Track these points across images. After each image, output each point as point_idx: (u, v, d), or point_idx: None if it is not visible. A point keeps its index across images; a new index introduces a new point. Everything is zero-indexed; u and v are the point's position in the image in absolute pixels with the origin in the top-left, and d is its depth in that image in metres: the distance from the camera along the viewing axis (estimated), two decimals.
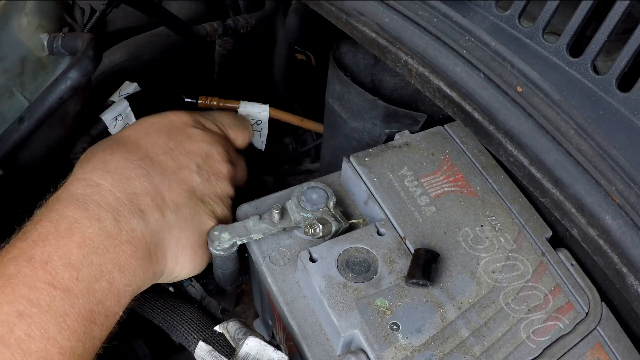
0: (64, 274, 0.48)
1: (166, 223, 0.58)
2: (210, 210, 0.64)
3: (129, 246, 0.53)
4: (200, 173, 0.64)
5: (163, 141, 0.63)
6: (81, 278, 0.49)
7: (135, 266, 0.54)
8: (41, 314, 0.46)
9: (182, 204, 0.60)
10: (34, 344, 0.45)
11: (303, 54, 1.36)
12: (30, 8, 0.70)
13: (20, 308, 0.45)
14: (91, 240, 0.51)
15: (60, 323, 0.46)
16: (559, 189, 0.57)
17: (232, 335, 0.64)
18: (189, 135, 0.66)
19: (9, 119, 0.68)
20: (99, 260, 0.50)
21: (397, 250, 0.69)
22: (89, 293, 0.49)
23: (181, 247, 0.61)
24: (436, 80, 0.65)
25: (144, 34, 1.07)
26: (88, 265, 0.49)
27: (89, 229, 0.51)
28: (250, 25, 1.07)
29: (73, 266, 0.49)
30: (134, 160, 0.58)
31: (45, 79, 0.71)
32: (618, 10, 0.54)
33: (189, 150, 0.64)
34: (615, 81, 0.55)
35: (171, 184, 0.60)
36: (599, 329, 0.66)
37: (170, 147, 0.63)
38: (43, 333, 0.45)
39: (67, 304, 0.47)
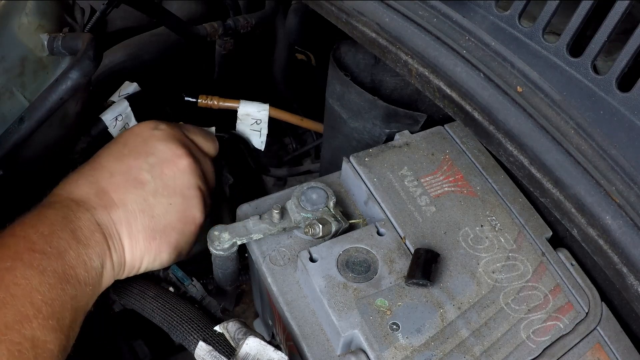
0: (39, 242, 0.60)
1: (114, 219, 0.67)
2: (166, 203, 0.71)
3: (87, 230, 0.64)
4: (152, 170, 0.71)
5: (118, 150, 0.73)
6: (53, 246, 0.60)
7: (94, 245, 0.64)
8: (24, 268, 0.57)
9: (129, 201, 0.69)
10: (20, 289, 0.55)
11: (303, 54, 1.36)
12: (30, 8, 0.70)
13: (7, 264, 0.56)
14: (57, 223, 0.63)
15: (39, 276, 0.57)
16: (559, 189, 0.57)
17: (232, 335, 0.65)
18: (145, 138, 0.74)
19: (9, 119, 0.68)
20: (65, 236, 0.62)
21: (397, 250, 0.69)
22: (61, 257, 0.60)
23: (134, 239, 0.69)
24: (436, 80, 0.65)
25: (144, 34, 1.07)
26: (57, 238, 0.61)
27: (54, 217, 0.63)
28: (250, 25, 1.07)
29: (45, 238, 0.60)
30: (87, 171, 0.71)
31: (46, 79, 0.71)
32: (618, 10, 0.54)
33: (141, 152, 0.72)
34: (615, 81, 0.55)
35: (118, 185, 0.69)
36: (599, 329, 0.66)
37: (124, 153, 0.72)
38: (27, 282, 0.56)
39: (44, 262, 0.58)
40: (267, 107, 0.99)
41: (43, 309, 0.56)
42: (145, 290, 0.80)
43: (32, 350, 0.53)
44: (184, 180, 0.73)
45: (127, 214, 0.68)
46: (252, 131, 1.02)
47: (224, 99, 1.00)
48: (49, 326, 0.56)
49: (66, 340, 0.59)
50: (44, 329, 0.55)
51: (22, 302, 0.55)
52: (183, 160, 0.73)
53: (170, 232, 0.71)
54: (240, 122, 1.00)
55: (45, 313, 0.56)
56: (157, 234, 0.70)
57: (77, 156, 0.84)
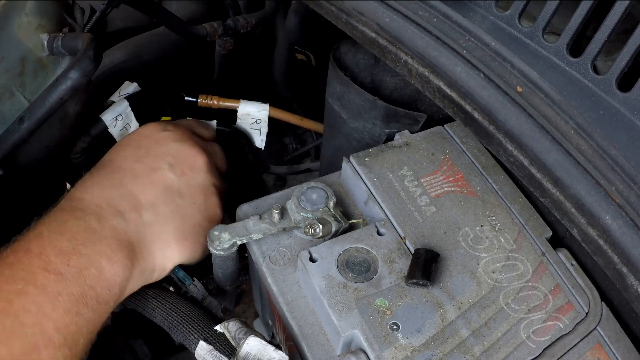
0: (57, 261, 0.55)
1: (145, 221, 0.64)
2: (191, 202, 0.69)
3: (113, 240, 0.60)
4: (174, 170, 0.69)
5: (133, 152, 0.70)
6: (72, 265, 0.56)
7: (121, 258, 0.60)
8: (37, 293, 0.52)
9: (158, 202, 0.66)
10: (30, 317, 0.51)
11: (303, 54, 1.36)
12: (30, 8, 0.70)
13: (19, 287, 0.52)
14: (79, 235, 0.58)
15: (53, 301, 0.53)
16: (559, 189, 0.57)
17: (233, 335, 0.65)
18: (157, 139, 0.72)
19: (9, 119, 0.68)
20: (87, 251, 0.57)
21: (397, 250, 0.69)
22: (80, 277, 0.55)
23: (164, 242, 0.66)
24: (436, 80, 0.65)
25: (144, 34, 1.07)
26: (77, 254, 0.56)
27: (76, 227, 0.59)
28: (250, 25, 1.07)
29: (64, 255, 0.56)
30: (108, 174, 0.67)
31: (45, 79, 0.71)
32: (618, 10, 0.54)
33: (158, 153, 0.70)
34: (615, 81, 0.55)
35: (144, 186, 0.66)
36: (599, 329, 0.66)
37: (141, 155, 0.69)
38: (39, 308, 0.52)
39: (60, 285, 0.54)
40: (267, 107, 0.99)
41: (55, 337, 0.52)
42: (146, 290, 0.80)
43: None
44: (203, 179, 0.72)
45: (158, 216, 0.65)
46: (252, 130, 1.02)
47: (223, 99, 1.00)
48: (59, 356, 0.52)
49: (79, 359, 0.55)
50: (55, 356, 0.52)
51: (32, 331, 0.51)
52: (200, 159, 0.72)
53: (199, 231, 0.69)
54: (240, 122, 1.00)
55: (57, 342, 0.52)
56: (188, 234, 0.68)
57: (77, 156, 0.84)
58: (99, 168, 0.69)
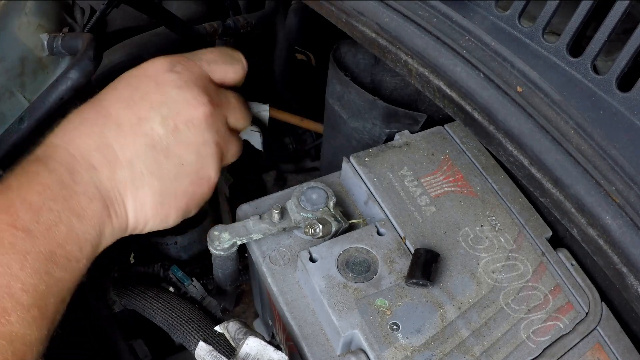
0: (25, 217, 0.52)
1: (119, 179, 0.59)
2: (178, 163, 0.62)
3: (84, 197, 0.56)
4: (165, 124, 0.62)
5: (127, 95, 0.63)
6: (41, 221, 0.52)
7: (92, 216, 0.57)
8: (4, 252, 0.49)
9: (137, 160, 0.60)
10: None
11: (303, 54, 1.36)
12: (30, 8, 0.70)
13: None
14: (49, 189, 0.54)
15: (21, 260, 0.50)
16: (559, 189, 0.57)
17: (233, 335, 0.65)
18: (159, 82, 0.64)
19: (9, 119, 0.68)
20: (57, 207, 0.54)
21: (397, 250, 0.69)
22: (49, 235, 0.52)
23: (140, 202, 0.61)
24: (436, 80, 0.65)
25: (144, 34, 1.07)
26: (47, 210, 0.53)
27: (47, 179, 0.55)
28: (250, 25, 1.07)
29: (33, 210, 0.52)
30: (92, 118, 0.61)
31: (45, 79, 0.71)
32: (618, 10, 0.54)
33: (154, 100, 0.62)
34: (615, 81, 0.55)
35: (126, 140, 0.60)
36: (599, 329, 0.66)
37: (134, 99, 0.62)
38: (6, 269, 0.49)
39: (28, 243, 0.51)
40: (267, 108, 0.99)
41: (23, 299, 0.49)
42: (146, 290, 0.80)
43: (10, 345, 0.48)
44: (200, 136, 0.64)
45: (134, 175, 0.60)
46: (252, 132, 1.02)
47: None
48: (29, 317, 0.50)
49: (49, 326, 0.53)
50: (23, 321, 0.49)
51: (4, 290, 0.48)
52: (199, 112, 0.63)
53: (180, 196, 0.63)
54: None
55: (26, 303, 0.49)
56: (166, 199, 0.62)
57: None
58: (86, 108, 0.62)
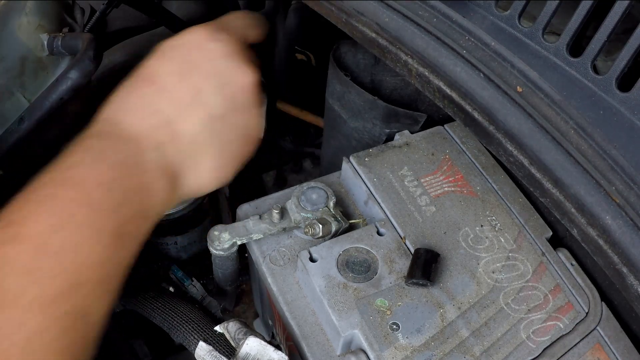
0: (96, 194, 0.52)
1: (182, 153, 0.60)
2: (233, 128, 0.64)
3: (153, 174, 0.57)
4: (220, 93, 0.63)
5: (177, 66, 0.63)
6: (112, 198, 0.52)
7: (159, 192, 0.57)
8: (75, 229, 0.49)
9: (197, 132, 0.61)
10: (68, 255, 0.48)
11: (303, 54, 1.36)
12: (30, 8, 0.70)
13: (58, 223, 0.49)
14: (119, 167, 0.54)
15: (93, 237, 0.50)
16: (559, 189, 0.57)
17: (232, 335, 0.65)
18: (206, 52, 0.64)
19: (9, 119, 0.68)
20: (127, 184, 0.54)
21: (397, 250, 0.69)
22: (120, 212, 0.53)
23: (199, 173, 0.62)
24: (436, 80, 0.65)
25: (144, 34, 1.07)
26: (118, 187, 0.53)
27: (115, 157, 0.55)
28: None
29: (104, 188, 0.52)
30: (147, 94, 0.61)
31: (45, 79, 0.71)
32: (618, 10, 0.54)
33: (205, 71, 0.63)
34: (615, 81, 0.55)
35: (185, 114, 0.61)
36: (599, 329, 0.66)
37: (185, 71, 0.63)
38: (76, 246, 0.49)
39: (99, 220, 0.51)
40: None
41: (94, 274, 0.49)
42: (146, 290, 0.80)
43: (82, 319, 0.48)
44: (249, 101, 0.65)
45: (196, 147, 0.60)
46: None
47: None
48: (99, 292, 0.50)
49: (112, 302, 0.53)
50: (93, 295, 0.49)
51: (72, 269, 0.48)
52: (249, 79, 0.65)
53: (235, 158, 0.65)
54: None
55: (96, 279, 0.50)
56: (223, 163, 0.63)
57: None
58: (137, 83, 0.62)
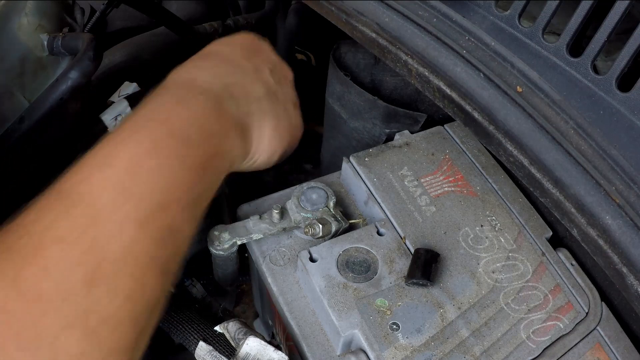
0: (183, 127, 0.57)
1: (251, 110, 0.66)
2: (284, 108, 0.71)
3: (230, 119, 0.62)
4: (274, 75, 0.71)
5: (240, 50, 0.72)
6: (198, 132, 0.57)
7: (234, 137, 0.62)
8: (164, 157, 0.54)
9: (262, 98, 0.68)
10: (159, 177, 0.53)
11: (303, 54, 1.36)
12: (30, 8, 0.70)
13: (145, 148, 0.54)
14: (200, 110, 0.59)
15: (180, 164, 0.55)
16: (559, 189, 0.57)
17: (233, 335, 0.65)
18: (259, 47, 0.74)
19: (9, 119, 0.68)
20: (209, 125, 0.59)
21: (397, 250, 0.69)
22: (203, 145, 0.57)
23: (262, 134, 0.67)
24: (436, 80, 0.65)
25: (144, 34, 1.07)
26: (200, 126, 0.58)
27: (196, 100, 0.60)
28: (250, 25, 1.07)
29: (190, 123, 0.57)
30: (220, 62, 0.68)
31: (45, 79, 0.71)
32: (618, 10, 0.54)
33: (262, 58, 0.72)
34: (615, 81, 0.55)
35: (252, 81, 0.68)
36: (599, 329, 0.66)
37: (248, 55, 0.71)
38: (166, 169, 0.53)
39: (186, 149, 0.56)
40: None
41: (182, 197, 0.54)
42: None
43: (172, 236, 0.53)
44: (292, 91, 0.75)
45: (260, 109, 0.68)
46: None
47: None
48: (186, 214, 0.55)
49: (196, 228, 0.57)
50: (181, 217, 0.54)
51: (163, 190, 0.53)
52: (290, 73, 0.75)
53: (286, 135, 0.71)
54: None
55: (184, 201, 0.54)
56: (278, 134, 0.70)
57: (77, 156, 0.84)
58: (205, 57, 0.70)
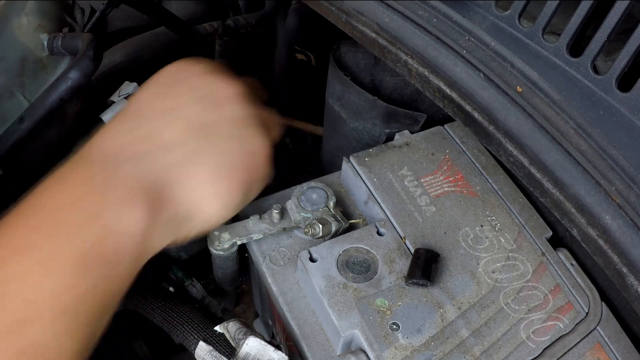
0: (57, 214, 0.50)
1: (170, 161, 0.57)
2: (228, 136, 0.61)
3: (124, 188, 0.53)
4: (202, 103, 0.61)
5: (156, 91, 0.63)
6: (74, 218, 0.50)
7: (138, 205, 0.53)
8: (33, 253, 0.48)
9: (186, 139, 0.58)
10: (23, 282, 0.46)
11: (303, 54, 1.36)
12: (30, 8, 0.70)
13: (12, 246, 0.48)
14: (83, 185, 0.52)
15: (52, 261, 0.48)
16: (559, 189, 0.57)
17: (233, 335, 0.65)
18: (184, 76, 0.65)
19: (9, 119, 0.68)
20: (93, 201, 0.51)
21: (397, 250, 0.69)
22: (83, 233, 0.50)
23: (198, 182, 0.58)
24: (436, 80, 0.65)
25: (144, 34, 1.07)
26: (81, 206, 0.51)
27: (81, 176, 0.53)
28: (250, 25, 1.07)
29: (66, 208, 0.51)
30: (126, 119, 0.60)
31: (45, 79, 0.71)
32: (618, 10, 0.54)
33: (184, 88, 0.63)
34: (615, 81, 0.55)
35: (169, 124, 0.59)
36: (599, 329, 0.66)
37: (163, 93, 0.62)
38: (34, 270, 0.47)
39: (59, 241, 0.48)
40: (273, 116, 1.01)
41: (54, 303, 0.46)
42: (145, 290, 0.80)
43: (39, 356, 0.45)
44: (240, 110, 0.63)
45: (182, 155, 0.57)
46: None
47: None
48: (61, 325, 0.47)
49: (89, 335, 0.50)
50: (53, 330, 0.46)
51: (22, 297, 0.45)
52: (233, 89, 0.64)
53: (239, 169, 0.61)
54: None
55: (57, 309, 0.47)
56: (225, 172, 0.60)
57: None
58: (118, 116, 0.62)
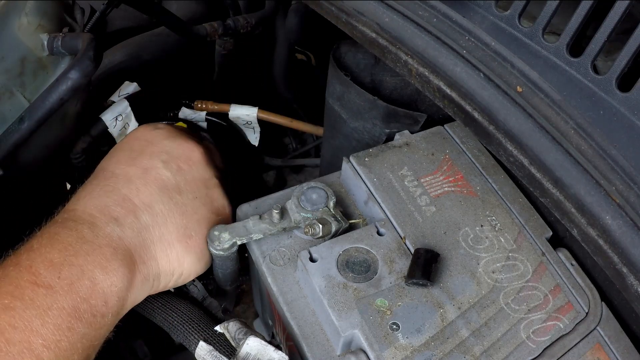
0: (46, 274, 0.53)
1: (143, 224, 0.62)
2: (193, 197, 0.67)
3: (108, 249, 0.57)
4: (169, 167, 0.67)
5: (125, 155, 0.69)
6: (63, 277, 0.53)
7: (117, 266, 0.57)
8: (24, 308, 0.50)
9: (155, 202, 0.64)
10: (17, 334, 0.49)
11: (303, 54, 1.36)
12: (30, 8, 0.70)
13: (5, 302, 0.50)
14: (70, 246, 0.56)
15: (43, 316, 0.50)
16: (559, 189, 0.57)
17: (233, 335, 0.65)
18: (150, 139, 0.70)
19: (9, 119, 0.68)
20: (79, 261, 0.55)
21: (397, 250, 0.69)
22: (72, 290, 0.53)
23: (167, 242, 0.63)
24: (436, 80, 0.65)
25: (144, 34, 1.07)
26: (69, 266, 0.54)
27: (68, 238, 0.56)
28: (250, 25, 1.07)
29: (54, 267, 0.53)
30: (101, 182, 0.65)
31: (45, 79, 0.71)
32: (618, 10, 0.54)
33: (152, 152, 0.68)
34: (615, 81, 0.55)
35: (139, 188, 0.64)
36: (599, 329, 0.66)
37: (133, 157, 0.68)
38: (26, 324, 0.49)
39: (49, 299, 0.51)
40: (255, 110, 1.03)
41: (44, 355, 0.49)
42: None
43: None
44: (202, 172, 0.70)
45: (156, 217, 0.63)
46: (247, 129, 1.05)
47: (217, 103, 1.02)
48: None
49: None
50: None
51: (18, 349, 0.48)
52: (196, 152, 0.70)
53: (205, 225, 0.67)
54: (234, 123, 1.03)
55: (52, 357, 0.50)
56: (192, 231, 0.65)
57: (77, 156, 0.84)
58: (92, 178, 0.67)
